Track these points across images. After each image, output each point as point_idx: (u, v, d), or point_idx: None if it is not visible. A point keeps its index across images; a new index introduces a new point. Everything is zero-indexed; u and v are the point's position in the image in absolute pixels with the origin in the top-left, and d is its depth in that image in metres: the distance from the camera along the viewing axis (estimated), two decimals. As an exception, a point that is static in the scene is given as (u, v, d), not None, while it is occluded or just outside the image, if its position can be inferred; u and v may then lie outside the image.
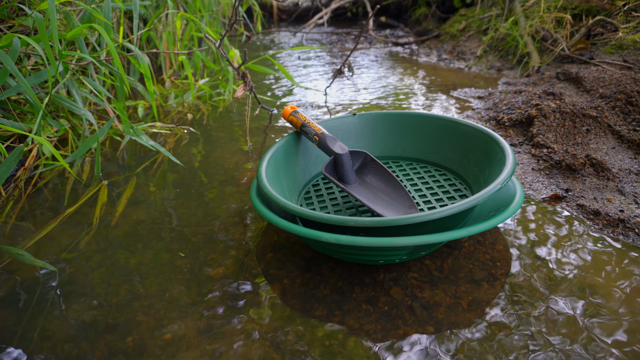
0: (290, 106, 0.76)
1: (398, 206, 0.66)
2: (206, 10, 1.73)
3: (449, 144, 0.79)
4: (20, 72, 0.76)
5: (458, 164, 0.77)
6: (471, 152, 0.74)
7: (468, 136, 0.75)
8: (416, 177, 0.78)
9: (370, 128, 0.84)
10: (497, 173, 0.60)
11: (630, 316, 0.51)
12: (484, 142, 0.71)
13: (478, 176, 0.71)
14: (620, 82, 1.12)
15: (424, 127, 0.82)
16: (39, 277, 0.60)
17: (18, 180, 0.84)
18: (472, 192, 0.71)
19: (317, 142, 0.70)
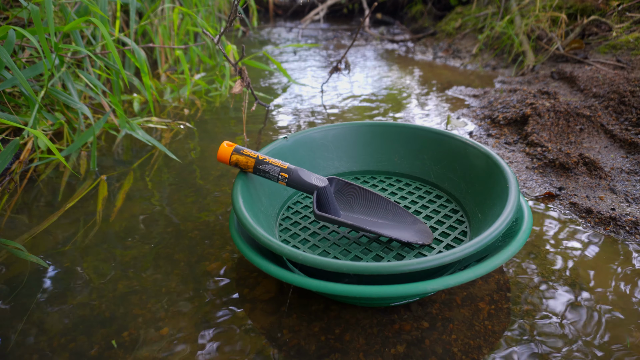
0: (225, 143, 0.59)
1: (402, 225, 0.61)
2: (202, 5, 1.72)
3: (435, 159, 0.73)
4: (15, 64, 0.76)
5: (448, 183, 0.71)
6: (463, 171, 0.67)
7: (462, 154, 0.68)
8: (402, 195, 0.71)
9: (343, 141, 0.76)
10: (498, 205, 0.54)
11: (619, 312, 0.52)
12: (482, 163, 0.64)
13: (469, 196, 0.65)
14: (614, 81, 1.13)
15: (412, 140, 0.75)
16: (35, 270, 0.60)
17: (13, 174, 0.84)
18: (464, 212, 0.65)
19: (287, 181, 0.58)
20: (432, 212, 0.66)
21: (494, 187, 0.60)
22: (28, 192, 0.80)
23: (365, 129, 0.77)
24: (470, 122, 1.11)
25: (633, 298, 0.54)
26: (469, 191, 0.66)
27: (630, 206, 0.72)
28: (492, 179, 0.61)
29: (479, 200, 0.63)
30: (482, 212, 0.60)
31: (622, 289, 0.55)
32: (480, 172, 0.64)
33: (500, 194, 0.57)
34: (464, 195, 0.67)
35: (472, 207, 0.64)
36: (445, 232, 0.61)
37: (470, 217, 0.63)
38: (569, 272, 0.59)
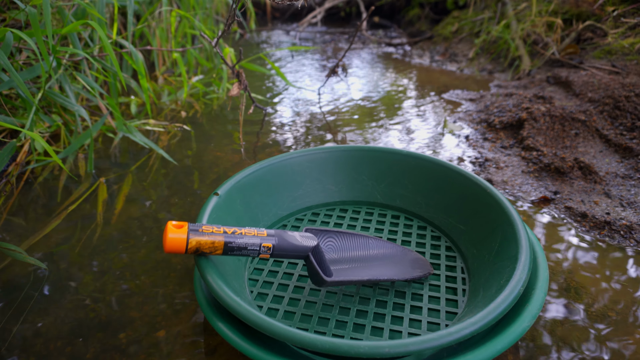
0: (172, 224, 0.43)
1: (395, 260, 0.55)
2: (200, 8, 1.73)
3: (429, 190, 0.66)
4: (12, 66, 0.76)
5: (440, 219, 0.64)
6: (465, 213, 0.60)
7: (460, 189, 0.61)
8: (383, 228, 0.64)
9: (314, 169, 0.68)
10: (507, 264, 0.47)
11: (614, 315, 0.52)
12: (486, 205, 0.57)
13: (466, 236, 0.59)
14: (609, 86, 1.14)
15: (396, 167, 0.68)
16: (31, 273, 0.60)
17: (10, 176, 0.84)
18: (458, 249, 0.59)
19: (272, 252, 0.45)
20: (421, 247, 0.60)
21: (496, 229, 0.54)
22: (25, 194, 0.80)
23: (339, 155, 0.69)
24: (466, 126, 1.12)
25: (627, 302, 0.54)
26: (467, 231, 0.60)
27: (625, 210, 0.72)
28: (496, 224, 0.55)
29: (478, 242, 0.57)
30: (481, 254, 0.54)
31: (616, 293, 0.56)
32: (481, 213, 0.58)
33: (507, 246, 0.50)
34: (460, 236, 0.60)
35: (469, 247, 0.58)
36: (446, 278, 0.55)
37: (467, 258, 0.57)
38: (564, 276, 0.59)
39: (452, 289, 0.53)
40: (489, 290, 0.47)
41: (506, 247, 0.50)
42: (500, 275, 0.47)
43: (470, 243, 0.58)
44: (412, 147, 1.01)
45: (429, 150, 1.00)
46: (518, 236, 0.49)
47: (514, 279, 0.43)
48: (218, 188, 0.57)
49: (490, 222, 0.55)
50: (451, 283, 0.54)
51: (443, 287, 0.53)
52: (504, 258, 0.49)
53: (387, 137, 1.06)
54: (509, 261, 0.48)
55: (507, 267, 0.47)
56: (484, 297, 0.47)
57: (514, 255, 0.47)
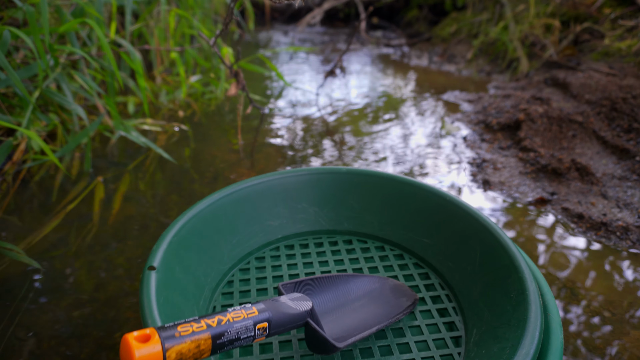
0: (139, 337, 0.30)
1: (377, 296, 0.49)
2: (199, 7, 1.73)
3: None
4: (9, 65, 0.75)
5: (398, 235, 0.58)
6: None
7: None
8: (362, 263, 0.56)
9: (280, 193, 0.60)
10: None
11: (610, 315, 0.52)
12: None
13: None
14: (606, 88, 1.15)
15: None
16: (26, 272, 0.60)
17: (6, 175, 0.83)
18: (428, 264, 0.55)
19: (269, 330, 0.37)
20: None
21: (471, 238, 0.51)
22: (21, 193, 0.80)
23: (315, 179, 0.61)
24: (464, 127, 1.12)
25: (623, 303, 0.54)
26: (434, 244, 0.55)
27: (622, 212, 0.72)
28: (468, 233, 0.51)
29: (450, 254, 0.53)
30: (460, 266, 0.50)
31: (612, 293, 0.56)
32: (447, 223, 0.54)
33: (492, 254, 0.47)
34: (426, 250, 0.56)
35: (441, 260, 0.54)
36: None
37: (442, 272, 0.53)
38: (560, 277, 0.59)
39: (441, 310, 0.48)
40: (497, 306, 0.43)
41: (492, 256, 0.47)
42: (503, 285, 0.43)
43: (441, 256, 0.53)
44: (410, 148, 1.01)
45: (428, 150, 1.00)
46: (503, 242, 0.46)
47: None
48: (151, 256, 0.44)
49: (460, 232, 0.52)
50: (438, 304, 0.49)
51: (434, 311, 0.48)
52: (495, 267, 0.46)
53: (385, 138, 1.06)
54: (504, 271, 0.44)
55: (507, 278, 0.44)
56: (492, 313, 0.43)
57: (506, 264, 0.44)
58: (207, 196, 0.54)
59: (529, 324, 0.37)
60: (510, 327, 0.39)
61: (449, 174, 0.88)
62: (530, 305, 0.39)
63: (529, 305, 0.39)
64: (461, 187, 0.83)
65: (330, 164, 0.93)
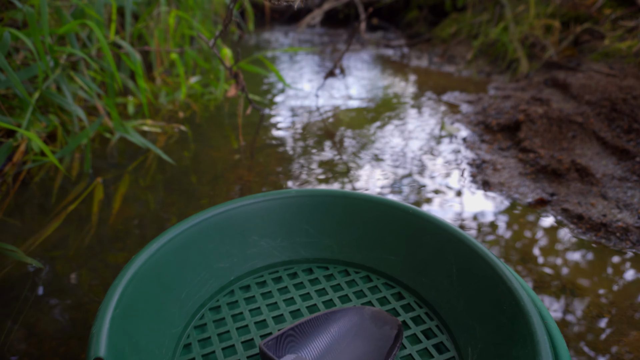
0: None
1: (365, 331, 0.45)
2: (198, 8, 1.73)
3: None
4: (9, 66, 0.75)
5: (361, 256, 0.54)
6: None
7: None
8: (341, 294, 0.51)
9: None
10: None
11: (610, 316, 0.52)
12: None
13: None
14: (606, 89, 1.15)
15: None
16: (27, 273, 0.60)
17: (6, 176, 0.83)
18: (399, 283, 0.51)
19: None
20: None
21: (443, 250, 0.48)
22: (21, 194, 0.80)
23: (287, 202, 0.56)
24: (464, 128, 1.12)
25: (623, 304, 0.54)
26: (402, 261, 0.52)
27: (621, 212, 0.72)
28: (440, 245, 0.49)
29: (422, 268, 0.50)
30: (436, 280, 0.48)
31: (612, 294, 0.56)
32: (413, 237, 0.51)
33: (471, 263, 0.45)
34: (395, 267, 0.52)
35: (413, 276, 0.50)
36: None
37: (415, 290, 0.50)
38: (560, 278, 0.59)
39: (425, 331, 0.46)
40: (490, 320, 0.41)
41: (471, 267, 0.45)
42: (491, 298, 0.42)
43: (412, 272, 0.50)
44: (409, 149, 1.01)
45: (428, 151, 1.00)
46: (480, 252, 0.44)
47: None
48: (94, 342, 0.35)
49: (430, 245, 0.49)
50: (420, 325, 0.46)
51: (419, 334, 0.45)
52: (477, 279, 0.44)
53: (385, 139, 1.06)
54: (488, 281, 0.43)
55: (494, 289, 0.42)
56: (486, 329, 0.41)
57: (489, 274, 0.43)
58: (145, 246, 0.45)
59: (538, 340, 0.35)
60: (514, 343, 0.37)
61: (448, 174, 0.89)
62: (531, 318, 0.37)
63: (529, 318, 0.37)
64: (461, 188, 0.83)
65: (328, 164, 0.93)
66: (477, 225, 0.71)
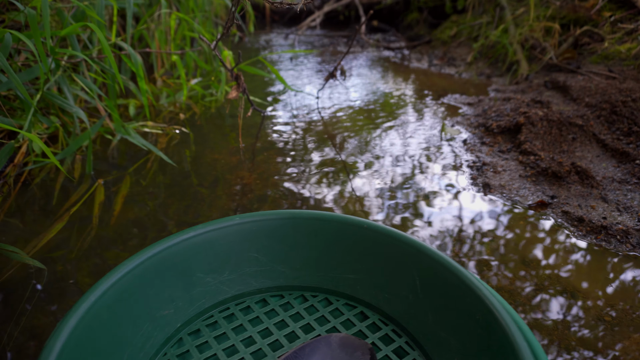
0: None
1: None
2: (199, 10, 1.73)
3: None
4: (10, 67, 0.76)
5: (319, 279, 0.51)
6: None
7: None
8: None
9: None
10: None
11: (610, 319, 0.52)
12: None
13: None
14: (606, 91, 1.15)
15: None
16: (28, 275, 0.60)
17: (7, 177, 0.84)
18: (360, 301, 0.49)
19: None
20: None
21: (403, 263, 0.47)
22: (22, 195, 0.80)
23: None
24: (464, 130, 1.12)
25: (623, 306, 0.54)
26: (360, 279, 0.50)
27: (622, 215, 0.73)
28: (399, 260, 0.47)
29: (382, 285, 0.48)
30: (399, 295, 0.46)
31: (613, 297, 0.56)
32: (370, 252, 0.49)
33: (432, 274, 0.43)
34: (354, 286, 0.50)
35: (375, 294, 0.48)
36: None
37: (378, 307, 0.48)
38: (561, 280, 0.59)
39: (396, 350, 0.44)
40: (464, 331, 0.40)
41: (435, 278, 0.44)
42: (461, 308, 0.41)
43: (373, 290, 0.48)
44: (410, 151, 1.01)
45: (428, 153, 1.00)
46: (443, 262, 0.43)
47: None
48: None
49: (389, 259, 0.47)
50: (389, 344, 0.44)
51: (391, 354, 0.43)
52: (444, 289, 0.43)
53: (385, 141, 1.07)
54: (456, 291, 0.42)
55: (463, 299, 0.41)
56: (462, 340, 0.40)
57: (456, 283, 0.41)
58: (72, 308, 0.38)
59: (518, 347, 0.34)
60: (494, 353, 0.36)
61: (449, 177, 0.89)
62: (507, 325, 0.36)
63: (505, 326, 0.36)
64: (461, 190, 0.84)
65: (329, 166, 0.93)
66: (477, 227, 0.71)
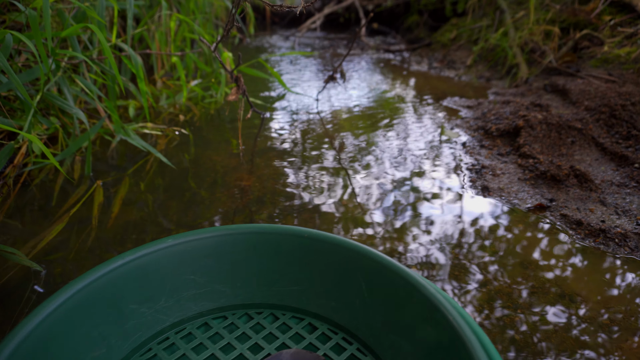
0: None
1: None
2: (199, 12, 1.73)
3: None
4: (11, 68, 0.76)
5: (261, 294, 0.49)
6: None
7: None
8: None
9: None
10: None
11: (608, 322, 0.52)
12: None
13: None
14: (605, 95, 1.15)
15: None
16: (27, 276, 0.60)
17: (7, 178, 0.84)
18: (306, 312, 0.48)
19: None
20: None
21: (349, 269, 0.45)
22: (21, 196, 0.80)
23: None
24: (463, 133, 1.13)
25: (621, 310, 0.55)
26: (305, 290, 0.48)
27: (620, 219, 0.73)
28: (344, 265, 0.46)
29: (326, 292, 0.47)
30: (345, 301, 0.45)
31: (611, 300, 0.56)
32: (308, 261, 0.48)
33: (379, 277, 0.43)
34: (299, 297, 0.48)
35: (320, 303, 0.47)
36: None
37: (326, 316, 0.46)
38: (559, 283, 0.59)
39: (349, 358, 0.43)
40: (414, 332, 0.39)
41: (381, 281, 0.43)
42: (409, 308, 0.40)
43: (319, 299, 0.47)
44: (409, 153, 1.01)
45: (428, 156, 1.00)
46: (387, 265, 0.42)
47: None
48: None
49: (333, 266, 0.46)
50: (342, 353, 0.43)
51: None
52: (390, 292, 0.42)
53: (385, 143, 1.07)
54: (402, 292, 0.41)
55: (410, 299, 0.40)
56: (413, 342, 0.39)
57: (401, 284, 0.41)
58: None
59: (469, 341, 0.34)
60: (446, 350, 0.36)
61: (448, 180, 0.89)
62: (456, 321, 0.35)
63: (453, 322, 0.36)
64: (460, 193, 0.84)
65: (328, 168, 0.93)
66: (476, 230, 0.71)
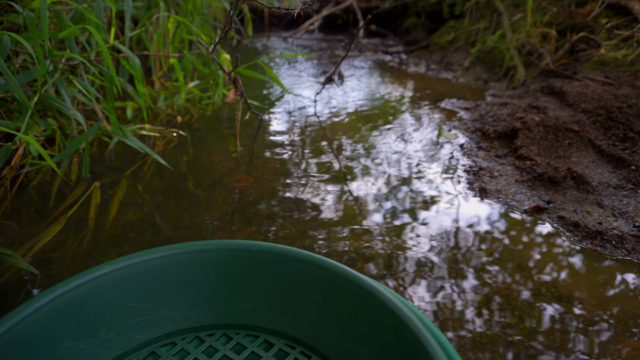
0: None
1: None
2: (197, 13, 1.73)
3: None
4: (8, 69, 0.76)
5: (217, 314, 0.47)
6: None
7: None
8: None
9: None
10: None
11: (605, 323, 0.52)
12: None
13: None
14: (602, 97, 1.16)
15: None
16: (23, 278, 0.60)
17: (4, 179, 0.83)
18: (262, 330, 0.46)
19: None
20: None
21: (303, 282, 0.44)
22: (18, 198, 0.79)
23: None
24: (461, 135, 1.13)
25: (618, 311, 0.55)
26: (258, 306, 0.46)
27: (617, 220, 0.73)
28: (297, 280, 0.44)
29: (283, 309, 0.45)
30: (302, 315, 0.44)
31: (608, 302, 0.56)
32: (262, 276, 0.46)
33: (336, 292, 0.42)
34: (254, 314, 0.46)
35: (277, 319, 0.45)
36: None
37: (282, 331, 0.45)
38: (556, 285, 0.59)
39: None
40: (373, 340, 0.39)
41: (337, 291, 0.42)
42: (366, 316, 0.39)
43: (274, 314, 0.45)
44: (407, 155, 1.02)
45: (425, 158, 1.00)
46: (342, 273, 0.41)
47: None
48: None
49: (286, 280, 0.45)
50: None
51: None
52: (346, 301, 0.41)
53: (382, 145, 1.07)
54: (359, 300, 0.40)
55: (366, 307, 0.39)
56: (373, 349, 0.38)
57: (357, 292, 0.40)
58: None
59: (429, 344, 0.33)
60: (406, 355, 0.35)
61: (445, 182, 0.89)
62: (413, 325, 0.34)
63: (411, 326, 0.35)
64: (458, 195, 0.84)
65: (326, 170, 0.93)
66: (473, 232, 0.72)
